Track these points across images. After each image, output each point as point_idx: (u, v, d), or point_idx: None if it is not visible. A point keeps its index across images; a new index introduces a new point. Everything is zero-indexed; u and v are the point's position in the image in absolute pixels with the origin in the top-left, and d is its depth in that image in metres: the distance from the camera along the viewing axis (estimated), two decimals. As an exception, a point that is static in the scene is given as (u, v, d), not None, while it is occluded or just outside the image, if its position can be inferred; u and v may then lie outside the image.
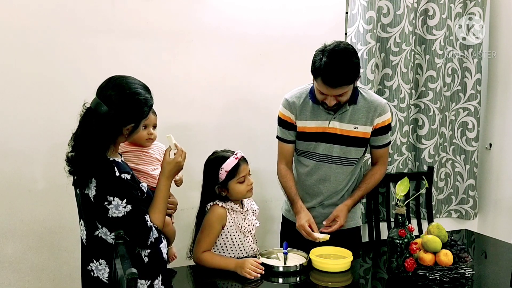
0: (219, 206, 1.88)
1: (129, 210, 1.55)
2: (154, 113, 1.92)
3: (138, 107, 1.60)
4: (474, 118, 3.02)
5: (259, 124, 2.63)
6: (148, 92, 1.64)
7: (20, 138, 2.19)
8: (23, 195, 2.22)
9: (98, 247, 1.62)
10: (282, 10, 2.61)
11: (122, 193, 1.55)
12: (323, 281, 1.82)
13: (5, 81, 2.15)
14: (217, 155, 1.93)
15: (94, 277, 1.63)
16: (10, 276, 2.23)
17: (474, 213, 3.12)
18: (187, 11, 2.43)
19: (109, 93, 1.57)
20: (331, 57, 1.88)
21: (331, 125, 2.08)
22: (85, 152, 1.56)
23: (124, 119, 1.58)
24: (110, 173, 1.55)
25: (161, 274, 1.72)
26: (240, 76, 2.59)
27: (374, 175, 2.20)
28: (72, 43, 2.22)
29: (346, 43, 1.99)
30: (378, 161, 2.22)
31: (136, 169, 1.84)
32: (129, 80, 1.62)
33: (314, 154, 2.14)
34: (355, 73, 1.93)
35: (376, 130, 2.11)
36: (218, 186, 1.89)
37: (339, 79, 1.89)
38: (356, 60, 1.93)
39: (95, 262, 1.63)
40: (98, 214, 1.57)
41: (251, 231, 1.96)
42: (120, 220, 1.55)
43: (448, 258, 1.75)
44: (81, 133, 1.58)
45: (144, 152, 1.91)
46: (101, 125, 1.55)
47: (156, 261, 1.69)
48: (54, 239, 2.29)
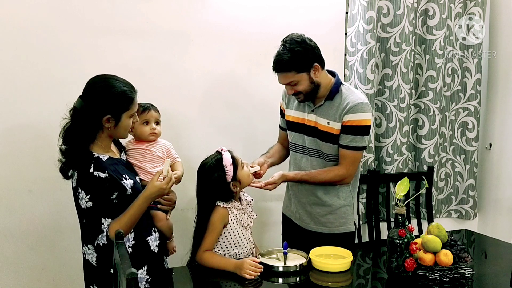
0: (220, 207, 1.89)
1: (90, 206, 1.67)
2: (156, 110, 1.99)
3: (110, 98, 1.70)
4: (474, 118, 3.02)
5: (259, 124, 2.63)
6: (127, 86, 1.73)
7: (20, 138, 2.19)
8: (23, 195, 2.22)
9: (84, 233, 1.77)
10: (282, 10, 2.61)
11: (88, 189, 1.66)
12: (323, 281, 1.82)
13: (5, 80, 2.15)
14: (209, 161, 1.91)
15: (86, 260, 1.78)
16: (10, 276, 2.23)
17: (474, 213, 3.12)
18: (188, 10, 2.43)
19: (85, 89, 1.73)
20: (280, 45, 2.02)
21: (308, 118, 2.14)
22: (67, 145, 1.71)
23: (97, 110, 1.69)
24: (85, 168, 1.67)
25: (147, 264, 1.80)
26: (240, 76, 2.59)
27: (330, 171, 2.11)
28: (72, 42, 2.22)
29: (296, 34, 2.03)
30: (340, 162, 2.11)
31: (138, 166, 1.92)
32: (106, 76, 1.74)
33: (294, 144, 2.23)
34: (300, 59, 1.98)
35: (343, 128, 2.05)
36: (231, 182, 1.89)
37: (280, 65, 2.00)
38: (299, 48, 1.98)
39: (85, 246, 1.76)
40: (75, 202, 1.72)
41: (250, 223, 2.00)
42: (83, 212, 1.69)
43: (448, 258, 1.75)
44: (65, 129, 1.73)
45: (146, 150, 1.95)
46: (78, 119, 1.70)
47: (141, 252, 1.80)
48: (54, 239, 2.29)
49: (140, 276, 1.77)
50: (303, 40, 2.01)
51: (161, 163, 1.94)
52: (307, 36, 2.02)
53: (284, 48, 1.99)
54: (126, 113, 1.73)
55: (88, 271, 1.78)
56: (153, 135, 1.96)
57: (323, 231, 2.17)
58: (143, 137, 1.95)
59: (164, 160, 1.89)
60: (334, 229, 2.16)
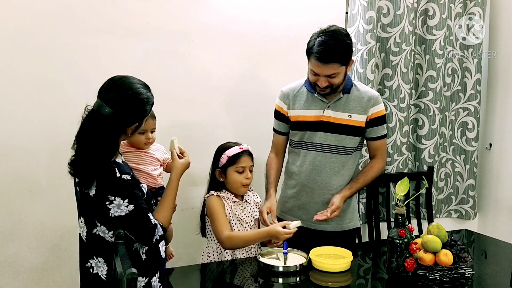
0: (214, 196, 1.97)
1: (132, 209, 1.57)
2: (153, 118, 1.92)
3: (141, 106, 1.63)
4: (474, 118, 3.02)
5: (259, 124, 2.63)
6: (149, 90, 1.67)
7: (20, 138, 2.19)
8: (23, 195, 2.22)
9: (97, 245, 1.63)
10: (282, 10, 2.61)
11: (123, 193, 1.56)
12: (323, 281, 1.82)
13: (5, 81, 2.15)
14: (229, 143, 2.05)
15: (93, 273, 1.64)
16: (10, 276, 2.23)
17: (474, 213, 3.12)
18: (187, 11, 2.43)
19: (111, 95, 1.59)
20: (324, 36, 1.97)
21: (326, 114, 2.11)
22: (90, 154, 1.56)
23: (128, 119, 1.62)
24: (111, 174, 1.56)
25: (159, 271, 1.74)
26: (240, 76, 2.58)
27: (372, 168, 2.20)
28: (72, 43, 2.22)
29: (340, 27, 2.05)
30: (375, 154, 2.22)
31: (137, 169, 1.86)
32: (130, 80, 1.64)
33: (309, 143, 2.16)
34: (347, 52, 1.99)
35: (371, 121, 2.13)
36: (218, 169, 2.00)
37: (330, 55, 1.95)
38: (348, 41, 2.01)
39: (95, 259, 1.64)
40: (98, 213, 1.59)
41: (250, 222, 2.00)
42: (122, 219, 1.56)
43: (448, 258, 1.75)
44: (85, 136, 1.58)
45: (144, 152, 1.92)
46: (105, 127, 1.56)
47: (154, 259, 1.72)
48: (54, 239, 2.29)
49: (153, 283, 1.70)
50: (348, 34, 2.04)
51: (159, 165, 1.94)
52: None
53: (332, 38, 1.95)
54: (146, 117, 1.70)
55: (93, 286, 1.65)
56: (147, 144, 1.93)
57: (335, 229, 2.16)
58: (138, 145, 1.91)
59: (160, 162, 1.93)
60: (345, 225, 2.18)
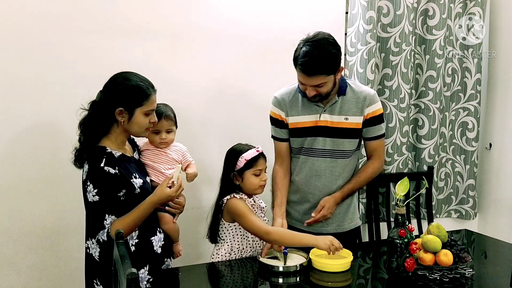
0: (237, 198, 1.94)
1: (96, 200, 1.67)
2: (168, 118, 2.00)
3: (126, 92, 1.71)
4: (474, 118, 3.02)
5: (259, 124, 2.62)
6: (143, 82, 1.75)
7: (20, 139, 2.19)
8: (23, 195, 2.22)
9: (88, 227, 1.77)
10: (282, 9, 2.61)
11: (96, 183, 1.67)
12: (323, 281, 1.82)
13: (5, 81, 2.15)
14: (240, 145, 2.02)
15: (89, 254, 1.77)
16: (10, 276, 2.23)
17: (474, 213, 3.12)
18: (187, 11, 2.43)
19: (106, 83, 1.76)
20: (309, 46, 1.90)
21: (322, 118, 2.08)
22: (83, 136, 1.74)
23: (111, 102, 1.72)
24: (96, 161, 1.67)
25: (149, 264, 1.80)
26: (240, 76, 2.58)
27: (366, 169, 2.17)
28: (72, 43, 2.22)
29: (326, 34, 1.96)
30: (372, 155, 2.18)
31: (151, 166, 1.95)
32: (127, 72, 1.76)
33: (308, 149, 2.13)
34: (332, 62, 1.92)
35: (367, 121, 2.10)
36: (234, 173, 1.97)
37: (314, 68, 1.89)
38: (334, 50, 1.92)
39: (90, 240, 1.76)
40: (84, 195, 1.72)
41: None
42: (89, 205, 1.70)
43: (448, 258, 1.75)
44: (82, 120, 1.76)
45: (162, 151, 2.00)
46: (94, 111, 1.74)
47: (144, 251, 1.80)
48: (54, 239, 2.29)
49: (141, 275, 1.77)
50: (335, 41, 1.94)
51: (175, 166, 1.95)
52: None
53: (316, 48, 1.88)
54: (139, 108, 1.73)
55: (91, 265, 1.78)
56: (163, 144, 1.99)
57: (337, 230, 2.15)
58: (154, 145, 2.00)
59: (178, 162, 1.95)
60: (346, 226, 2.18)
